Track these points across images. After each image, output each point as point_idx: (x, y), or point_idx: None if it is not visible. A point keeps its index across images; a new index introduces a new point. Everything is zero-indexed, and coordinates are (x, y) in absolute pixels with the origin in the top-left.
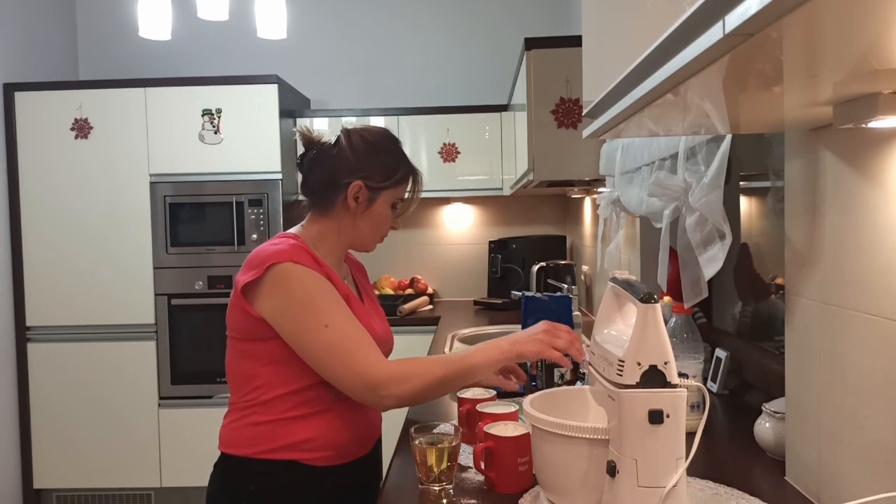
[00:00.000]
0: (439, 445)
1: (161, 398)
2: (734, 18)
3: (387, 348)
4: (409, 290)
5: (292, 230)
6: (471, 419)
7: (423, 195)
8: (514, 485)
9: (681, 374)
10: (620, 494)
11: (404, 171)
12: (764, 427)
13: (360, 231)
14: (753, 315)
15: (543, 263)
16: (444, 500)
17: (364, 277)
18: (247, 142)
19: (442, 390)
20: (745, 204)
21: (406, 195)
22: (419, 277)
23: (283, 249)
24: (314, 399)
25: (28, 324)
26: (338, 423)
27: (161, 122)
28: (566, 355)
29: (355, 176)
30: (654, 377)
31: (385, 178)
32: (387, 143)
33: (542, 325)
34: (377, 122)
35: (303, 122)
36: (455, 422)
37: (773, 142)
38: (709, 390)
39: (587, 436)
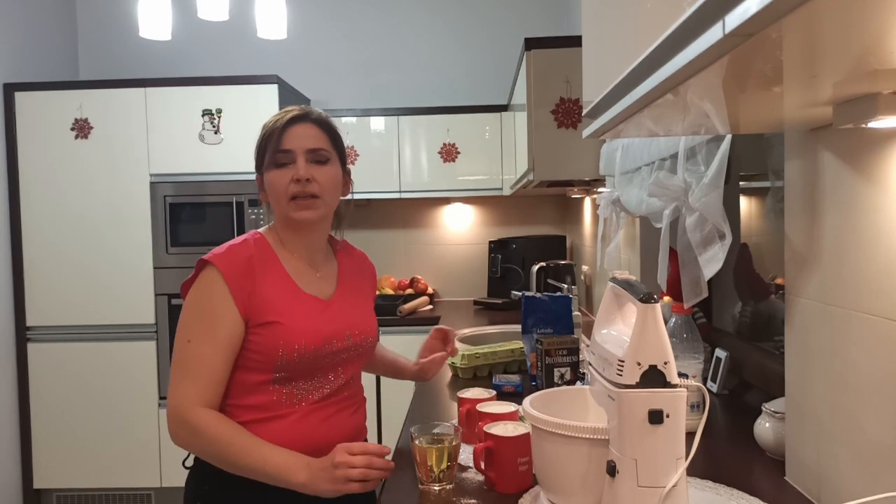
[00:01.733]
0: (439, 445)
1: (161, 398)
2: (734, 18)
3: (362, 340)
4: (409, 290)
5: (262, 228)
6: (471, 419)
7: (424, 195)
8: (514, 485)
9: (681, 374)
10: (620, 494)
11: (264, 132)
12: (764, 427)
13: (277, 207)
14: (753, 315)
15: (543, 263)
16: (445, 501)
17: (354, 275)
18: (247, 142)
19: (224, 466)
20: (745, 204)
21: (272, 144)
22: (419, 277)
23: (218, 251)
24: (271, 403)
25: (28, 324)
26: (302, 426)
27: (161, 122)
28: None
29: (257, 172)
30: (654, 377)
31: (260, 155)
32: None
33: (337, 457)
34: (377, 122)
35: None
36: (455, 422)
37: (773, 142)
38: (709, 390)
39: (587, 436)
